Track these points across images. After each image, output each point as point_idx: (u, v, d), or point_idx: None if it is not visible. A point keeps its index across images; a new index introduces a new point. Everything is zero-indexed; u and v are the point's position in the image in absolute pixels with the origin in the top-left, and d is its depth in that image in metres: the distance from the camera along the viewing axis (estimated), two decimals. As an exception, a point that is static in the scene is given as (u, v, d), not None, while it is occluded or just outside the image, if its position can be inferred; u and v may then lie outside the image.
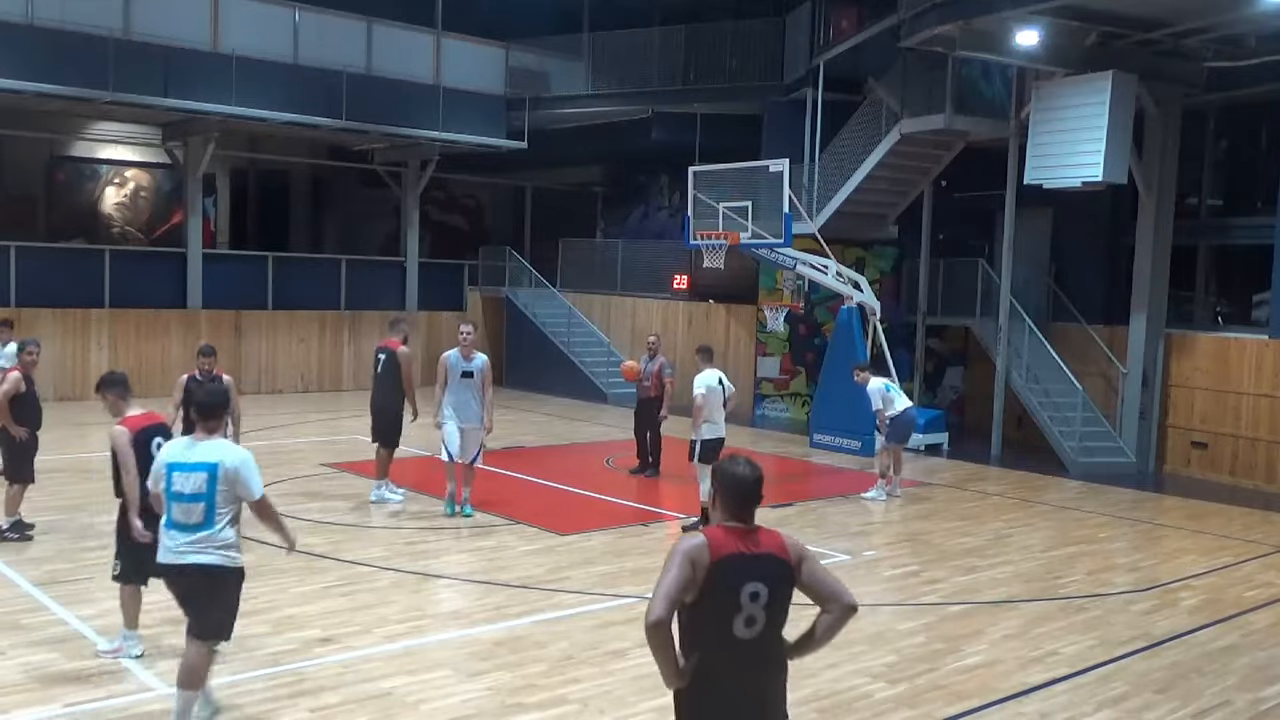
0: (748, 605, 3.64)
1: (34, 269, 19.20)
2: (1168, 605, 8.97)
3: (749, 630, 3.65)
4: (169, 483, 5.54)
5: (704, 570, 3.62)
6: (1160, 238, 15.54)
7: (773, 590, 3.68)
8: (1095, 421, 16.09)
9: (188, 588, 5.60)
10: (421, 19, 21.45)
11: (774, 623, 3.72)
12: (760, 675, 3.74)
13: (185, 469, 5.50)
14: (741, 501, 3.84)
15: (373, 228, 26.68)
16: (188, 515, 5.49)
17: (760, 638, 3.67)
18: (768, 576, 3.69)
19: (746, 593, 3.65)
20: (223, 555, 5.52)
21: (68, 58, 17.31)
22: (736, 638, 3.65)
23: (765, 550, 3.76)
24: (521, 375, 23.68)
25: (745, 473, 3.89)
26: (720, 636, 3.64)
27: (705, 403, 10.84)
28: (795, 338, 19.83)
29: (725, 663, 3.68)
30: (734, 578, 3.65)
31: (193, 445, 5.58)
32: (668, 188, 24.74)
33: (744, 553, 3.70)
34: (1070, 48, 14.46)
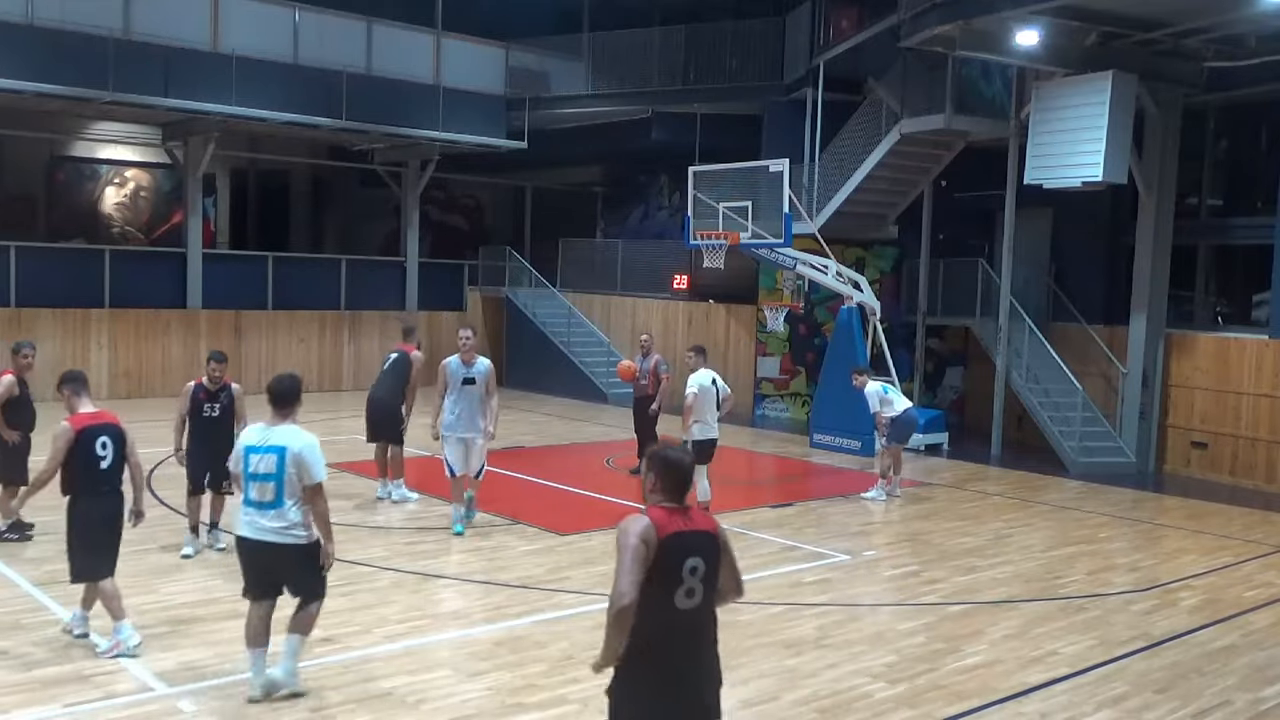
0: (688, 579, 3.96)
1: (34, 269, 19.20)
2: (1168, 605, 8.97)
3: (689, 601, 3.98)
4: (246, 464, 6.18)
5: (654, 548, 3.91)
6: (1160, 238, 15.54)
7: (708, 564, 4.04)
8: (1095, 421, 16.09)
9: (269, 563, 6.21)
10: (421, 19, 21.45)
11: (709, 594, 4.06)
12: (699, 642, 4.09)
13: (260, 451, 6.16)
14: (679, 484, 4.16)
15: (373, 228, 26.69)
16: (261, 494, 6.13)
17: (698, 608, 4.01)
18: (704, 551, 4.04)
19: (687, 567, 3.97)
20: (293, 535, 6.18)
21: (68, 58, 17.30)
22: (678, 609, 3.96)
23: (701, 528, 4.09)
24: (521, 375, 23.68)
25: (682, 458, 4.24)
26: (664, 609, 3.92)
27: (696, 402, 10.81)
28: (795, 338, 19.83)
29: (668, 632, 3.96)
30: (677, 554, 3.95)
31: (268, 430, 6.22)
32: (668, 188, 24.74)
33: (684, 530, 4.02)
34: (1070, 48, 14.46)
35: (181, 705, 6.10)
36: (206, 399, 9.13)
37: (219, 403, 9.13)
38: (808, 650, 7.43)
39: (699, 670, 4.08)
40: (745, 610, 8.33)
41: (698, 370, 11.05)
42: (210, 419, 9.12)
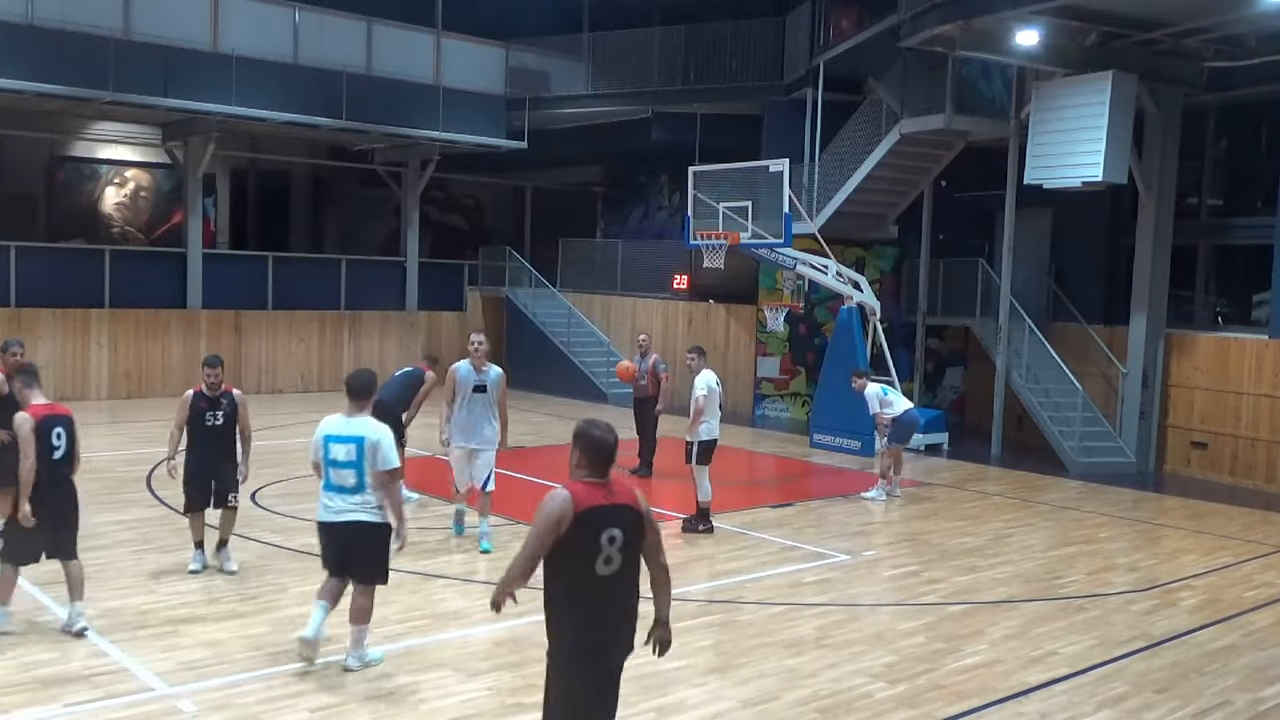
0: (606, 547, 4.34)
1: (34, 269, 19.20)
2: (1168, 605, 8.97)
3: (608, 568, 4.37)
4: (326, 452, 6.67)
5: (569, 522, 4.28)
6: (1160, 238, 15.54)
7: (627, 534, 4.40)
8: (1095, 421, 16.09)
9: (345, 542, 6.71)
10: (421, 19, 21.45)
11: (629, 562, 4.44)
12: (617, 607, 4.48)
13: (340, 440, 6.68)
14: (603, 461, 4.45)
15: (373, 228, 26.69)
16: (342, 480, 6.67)
17: (617, 574, 4.40)
18: (623, 522, 4.39)
19: (605, 537, 4.34)
20: (373, 513, 6.67)
21: (68, 58, 17.31)
22: (598, 575, 4.36)
23: (622, 501, 4.44)
24: (521, 375, 23.63)
25: (607, 436, 4.49)
26: (584, 574, 4.35)
27: (706, 404, 10.82)
28: (795, 338, 19.83)
29: (589, 596, 4.38)
30: (596, 526, 4.32)
31: (346, 420, 6.75)
32: (668, 188, 24.74)
33: (604, 504, 4.37)
34: (1070, 48, 14.47)
35: (181, 705, 6.10)
36: (207, 407, 8.57)
37: (221, 410, 8.61)
38: (808, 650, 7.44)
39: (618, 633, 4.51)
40: (745, 610, 8.34)
41: (702, 371, 11.03)
42: (213, 428, 8.56)
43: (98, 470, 12.87)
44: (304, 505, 11.23)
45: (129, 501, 11.27)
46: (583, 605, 4.40)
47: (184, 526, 10.18)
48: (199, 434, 8.57)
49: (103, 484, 12.12)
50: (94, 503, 11.09)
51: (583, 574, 4.34)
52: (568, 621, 4.41)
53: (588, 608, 4.40)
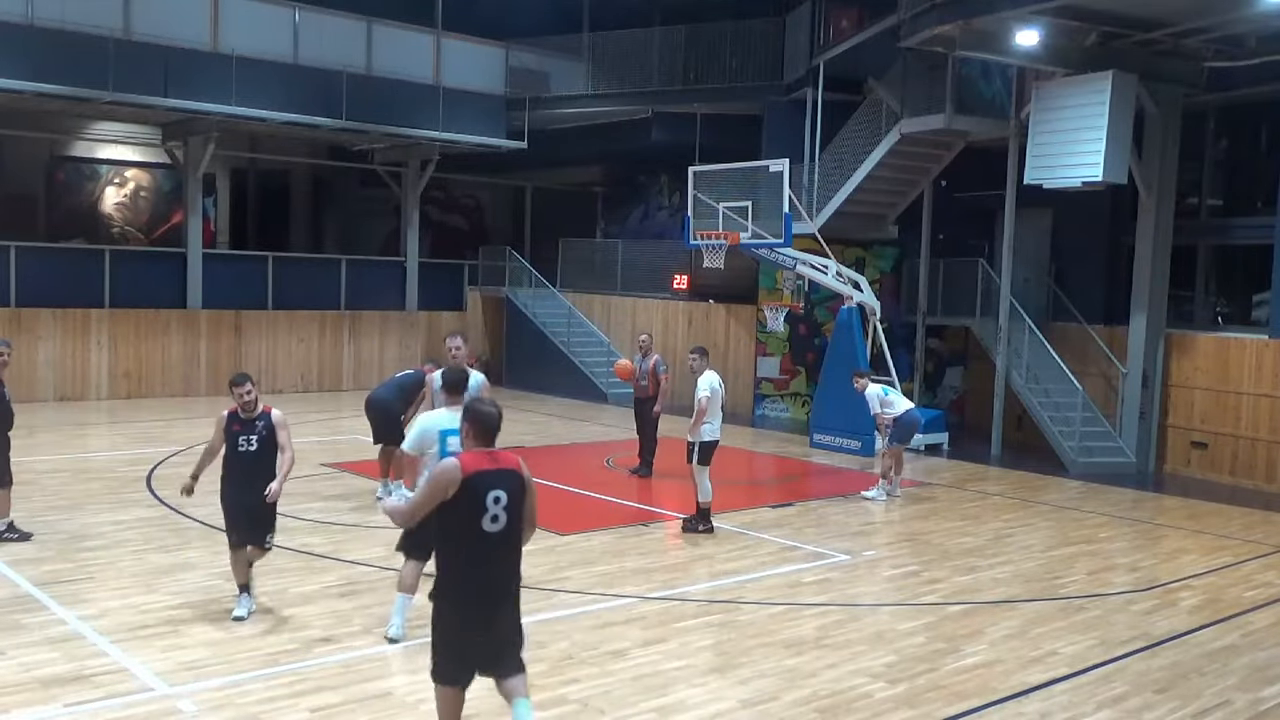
0: (492, 507, 4.99)
1: (34, 269, 19.20)
2: (1168, 605, 8.97)
3: (494, 525, 5.02)
4: (443, 445, 6.93)
5: (456, 487, 4.93)
6: (1160, 238, 15.54)
7: (511, 496, 5.05)
8: (1095, 421, 16.09)
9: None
10: (421, 19, 21.46)
11: (513, 520, 5.07)
12: (504, 560, 5.13)
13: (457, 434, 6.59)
14: (489, 433, 5.15)
15: (373, 228, 26.69)
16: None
17: (503, 531, 5.05)
18: (507, 485, 5.05)
19: (491, 498, 4.99)
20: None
21: (68, 58, 17.31)
22: (485, 531, 5.00)
23: (506, 467, 5.12)
24: (521, 375, 23.69)
25: (492, 411, 5.19)
26: (473, 531, 4.98)
27: (709, 405, 10.81)
28: (795, 338, 19.83)
29: (477, 551, 5.02)
30: (481, 488, 4.98)
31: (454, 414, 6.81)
32: (668, 188, 24.75)
33: (489, 469, 5.04)
34: (1070, 48, 14.47)
35: (181, 705, 6.10)
36: (241, 430, 7.45)
37: (256, 434, 7.46)
38: (808, 650, 7.44)
39: (506, 583, 5.15)
40: (745, 610, 8.34)
41: (705, 372, 11.01)
42: (246, 454, 7.44)
43: (98, 470, 12.88)
44: (304, 505, 11.24)
45: (129, 501, 11.26)
46: (472, 557, 5.02)
47: (184, 526, 10.22)
48: (232, 461, 7.50)
49: (103, 484, 12.12)
50: (94, 503, 11.12)
51: (472, 530, 4.98)
52: (458, 571, 5.03)
53: (476, 560, 5.03)
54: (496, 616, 5.10)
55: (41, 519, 10.19)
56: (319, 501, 11.51)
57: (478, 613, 5.07)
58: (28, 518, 10.03)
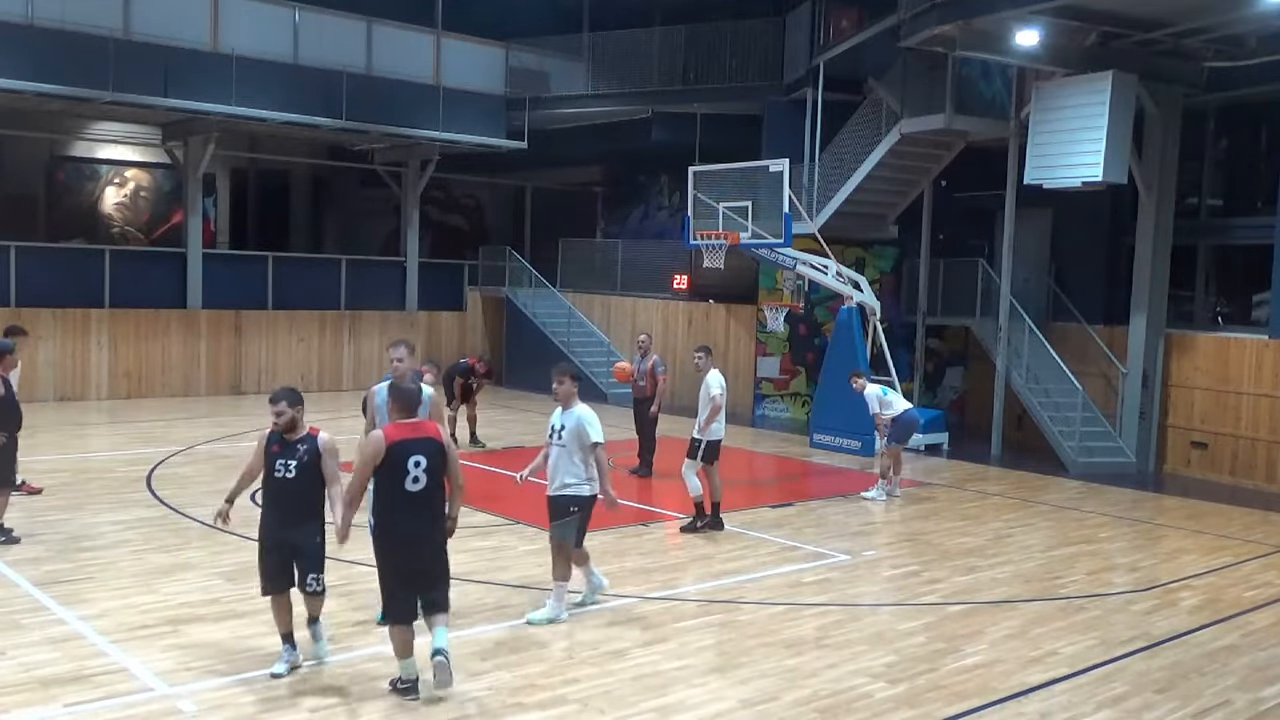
0: (414, 469, 6.10)
1: (34, 269, 19.20)
2: (1168, 605, 8.97)
3: (416, 486, 6.13)
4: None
5: (382, 454, 6.08)
6: (1160, 238, 15.53)
7: (430, 459, 6.16)
8: (1095, 421, 16.09)
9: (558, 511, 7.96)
10: (421, 19, 21.45)
11: (433, 482, 6.17)
12: (427, 518, 6.23)
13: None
14: (409, 408, 6.43)
15: (373, 228, 26.69)
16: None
17: (424, 491, 6.15)
18: (426, 450, 6.17)
19: (412, 462, 6.10)
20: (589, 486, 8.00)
21: (68, 58, 17.31)
22: (408, 491, 6.11)
23: (425, 435, 6.26)
24: (521, 375, 23.68)
25: (411, 389, 6.65)
26: (398, 491, 6.11)
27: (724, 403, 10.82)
28: (795, 338, 19.83)
29: (403, 509, 6.14)
30: (403, 454, 6.10)
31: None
32: (668, 188, 24.74)
33: (409, 438, 6.17)
34: (1070, 48, 14.46)
35: (181, 705, 6.10)
36: (280, 452, 6.48)
37: (295, 459, 6.45)
38: (808, 650, 7.44)
39: (424, 534, 6.23)
40: (745, 610, 8.34)
41: (712, 370, 11.03)
42: (283, 481, 6.46)
43: (98, 470, 12.88)
44: (304, 505, 11.23)
45: (129, 501, 11.26)
46: (399, 513, 6.13)
47: (184, 526, 10.22)
48: (269, 488, 6.58)
49: (103, 484, 12.12)
50: (94, 503, 11.12)
51: (398, 490, 6.09)
52: (390, 525, 6.16)
53: (402, 515, 6.14)
54: (424, 562, 6.20)
55: (41, 519, 10.19)
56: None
57: (407, 560, 6.18)
58: (28, 518, 10.03)
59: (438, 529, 6.31)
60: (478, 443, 15.58)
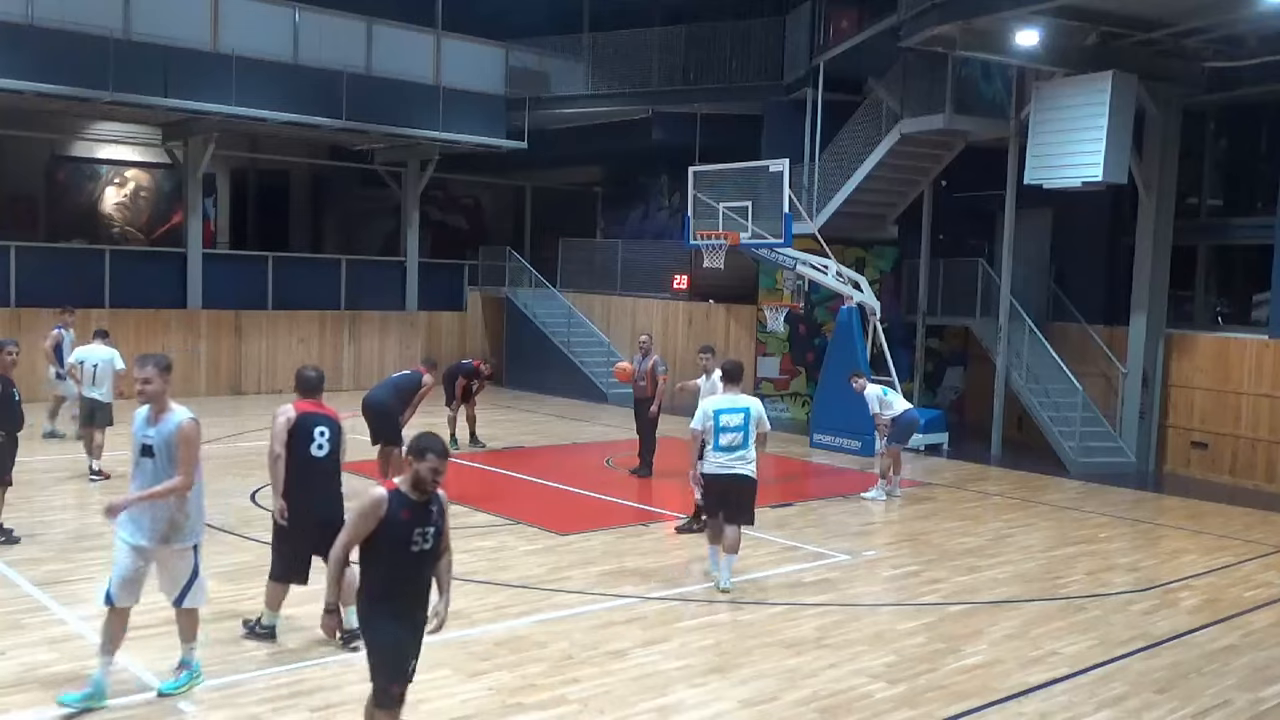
0: (318, 438, 7.08)
1: (34, 269, 19.19)
2: (1168, 605, 8.97)
3: (320, 452, 7.10)
4: (717, 421, 8.62)
5: (293, 423, 7.06)
6: (1160, 238, 15.54)
7: (332, 432, 7.15)
8: (1095, 421, 16.08)
9: (727, 490, 8.70)
10: (421, 19, 21.45)
11: (333, 451, 7.15)
12: (326, 478, 7.14)
13: (729, 412, 8.70)
14: (312, 388, 7.31)
15: (373, 228, 26.70)
16: (731, 441, 8.63)
17: (326, 457, 7.12)
18: (328, 424, 7.16)
19: (317, 431, 7.09)
20: (751, 468, 8.72)
21: (68, 58, 17.31)
22: (314, 457, 7.08)
23: (326, 413, 7.21)
24: (521, 375, 23.69)
25: (311, 372, 7.38)
26: (305, 456, 7.05)
27: None
28: (795, 338, 19.83)
29: (307, 472, 7.06)
30: (309, 425, 7.09)
31: (734, 397, 8.83)
32: (668, 188, 24.74)
33: (313, 412, 7.17)
34: (1070, 48, 14.46)
35: (181, 705, 6.10)
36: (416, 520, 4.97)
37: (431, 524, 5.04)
38: (808, 650, 7.43)
39: (323, 491, 7.08)
40: (745, 610, 8.34)
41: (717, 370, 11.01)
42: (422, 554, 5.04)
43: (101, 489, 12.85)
44: (304, 505, 11.23)
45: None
46: (304, 477, 7.05)
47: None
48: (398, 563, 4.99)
49: (103, 484, 12.11)
50: (94, 503, 11.11)
51: (305, 456, 7.06)
52: (296, 487, 7.04)
53: (307, 479, 7.06)
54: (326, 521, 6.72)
55: (41, 519, 10.19)
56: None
57: (308, 516, 6.99)
58: (28, 517, 10.03)
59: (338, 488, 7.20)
60: (478, 443, 15.58)
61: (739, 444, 8.63)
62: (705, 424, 8.62)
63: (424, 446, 4.98)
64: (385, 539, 4.95)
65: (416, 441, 5.03)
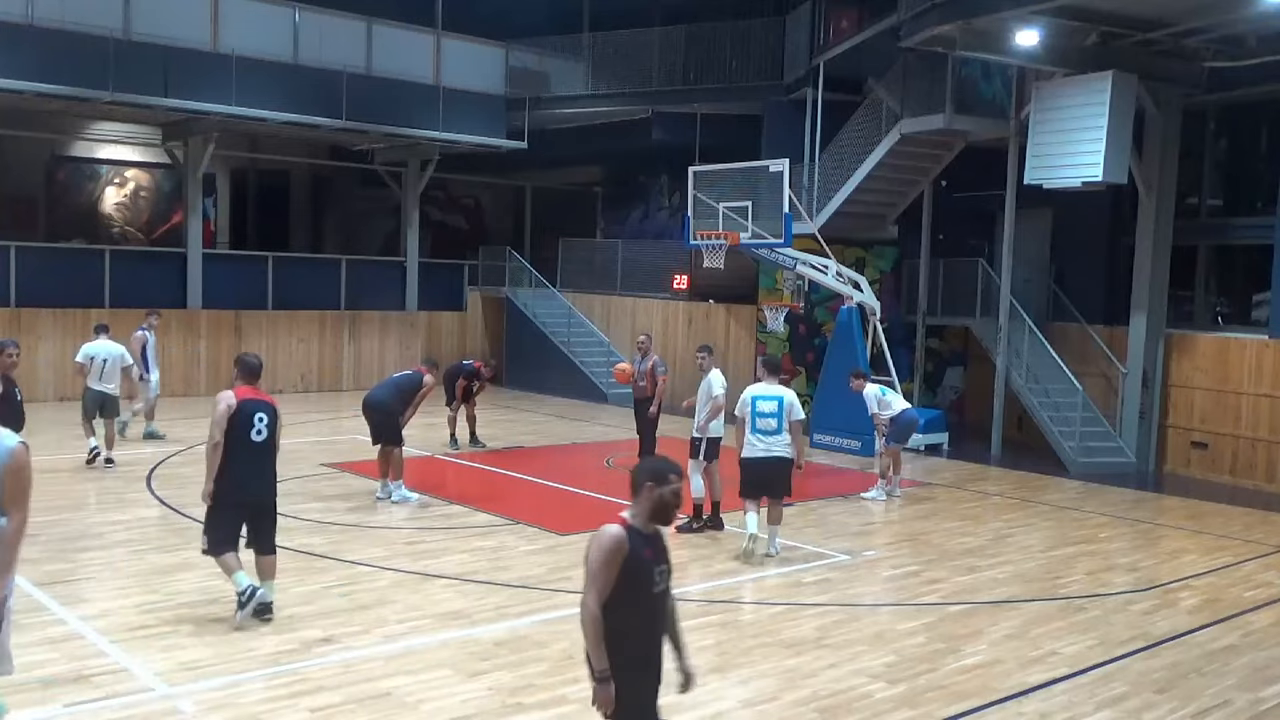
0: (258, 424, 7.47)
1: (34, 269, 19.19)
2: (1168, 605, 8.97)
3: (259, 438, 7.49)
4: (754, 407, 9.65)
5: (234, 409, 7.41)
6: (1160, 238, 15.54)
7: (270, 418, 7.56)
8: (1095, 421, 16.08)
9: (767, 471, 9.68)
10: (421, 19, 21.45)
11: (271, 435, 7.56)
12: (263, 461, 7.58)
13: (765, 399, 9.69)
14: (251, 374, 7.71)
15: (373, 228, 26.70)
16: (766, 426, 9.62)
17: (264, 442, 7.53)
18: (267, 410, 7.56)
19: (256, 417, 7.47)
20: (785, 449, 9.67)
21: (68, 58, 17.30)
22: (253, 441, 7.45)
23: (265, 400, 7.65)
24: (521, 375, 23.69)
25: (252, 359, 7.80)
26: (244, 441, 7.43)
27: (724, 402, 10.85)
28: (795, 338, 19.81)
29: (246, 455, 7.43)
30: (250, 411, 7.47)
31: (768, 386, 9.81)
32: (668, 188, 24.74)
33: (253, 399, 7.56)
34: (1070, 48, 14.46)
35: (181, 705, 6.10)
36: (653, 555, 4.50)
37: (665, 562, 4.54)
38: (808, 650, 7.44)
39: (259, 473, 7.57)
40: (745, 610, 8.34)
41: (714, 370, 11.04)
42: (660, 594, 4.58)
43: (97, 470, 12.87)
44: (304, 505, 11.24)
45: (129, 502, 11.26)
46: (242, 460, 7.41)
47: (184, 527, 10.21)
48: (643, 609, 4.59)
49: (103, 484, 12.12)
50: (94, 503, 11.11)
51: (245, 439, 7.43)
52: (234, 469, 7.40)
53: (245, 462, 7.43)
54: (260, 501, 7.56)
55: (41, 519, 10.19)
56: (319, 501, 11.52)
57: (243, 495, 7.45)
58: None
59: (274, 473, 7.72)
60: (478, 443, 15.58)
61: (774, 429, 9.61)
62: (744, 410, 9.69)
63: (665, 469, 4.34)
64: (629, 582, 4.33)
65: (654, 465, 4.41)
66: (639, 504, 4.30)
